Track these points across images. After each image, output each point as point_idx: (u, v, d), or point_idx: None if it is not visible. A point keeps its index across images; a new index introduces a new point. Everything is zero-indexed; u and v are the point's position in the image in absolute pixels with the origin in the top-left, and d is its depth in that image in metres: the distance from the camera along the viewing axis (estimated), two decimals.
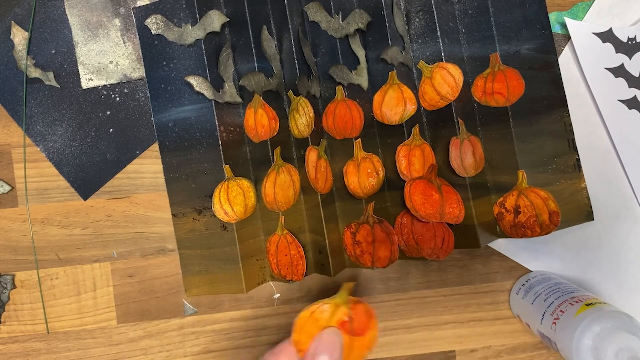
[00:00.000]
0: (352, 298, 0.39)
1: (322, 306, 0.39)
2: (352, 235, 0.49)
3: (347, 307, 0.38)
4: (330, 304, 0.39)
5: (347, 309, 0.38)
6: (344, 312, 0.38)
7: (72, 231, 0.51)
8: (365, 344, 0.38)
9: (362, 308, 0.39)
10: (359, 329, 0.38)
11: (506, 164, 0.49)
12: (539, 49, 0.49)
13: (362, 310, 0.39)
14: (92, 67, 0.51)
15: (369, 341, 0.38)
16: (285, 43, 0.49)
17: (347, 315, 0.38)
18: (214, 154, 0.50)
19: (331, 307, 0.38)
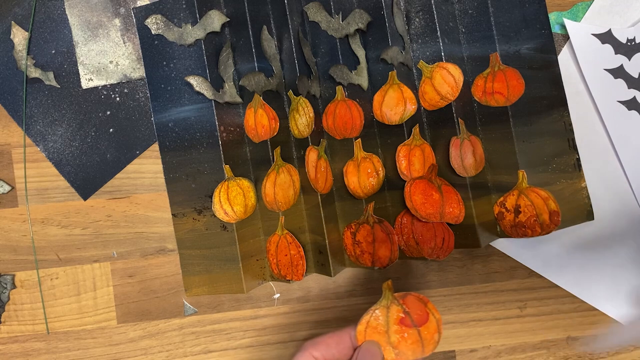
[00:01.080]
0: (398, 294, 0.39)
1: (374, 313, 0.39)
2: (352, 235, 0.49)
3: (398, 304, 0.38)
4: (381, 308, 0.39)
5: (399, 306, 0.38)
6: (397, 310, 0.38)
7: (72, 231, 0.51)
8: (433, 329, 0.38)
9: (412, 299, 0.39)
10: (419, 318, 0.38)
11: (506, 163, 0.49)
12: (538, 48, 0.49)
13: (413, 300, 0.39)
14: (92, 67, 0.51)
15: (435, 326, 0.38)
16: (285, 43, 0.49)
17: (401, 312, 0.38)
18: (214, 154, 0.50)
19: (382, 310, 0.39)
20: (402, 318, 0.38)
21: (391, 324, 0.38)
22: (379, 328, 0.38)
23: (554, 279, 0.51)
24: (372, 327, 0.38)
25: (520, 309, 0.52)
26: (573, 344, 0.51)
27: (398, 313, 0.38)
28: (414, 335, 0.38)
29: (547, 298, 0.51)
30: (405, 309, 0.38)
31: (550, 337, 0.51)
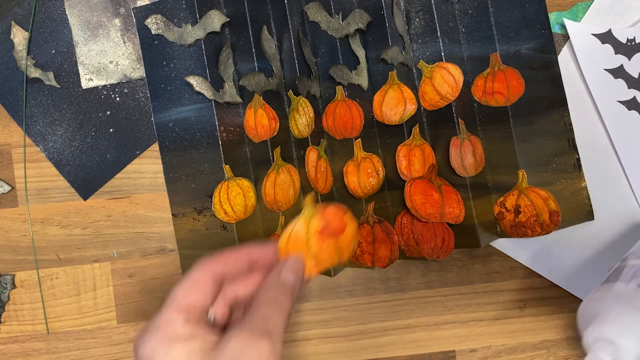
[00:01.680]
0: (318, 206, 0.40)
1: (295, 226, 0.40)
2: None
3: (317, 217, 0.40)
4: (301, 221, 0.40)
5: (319, 218, 0.40)
6: (317, 222, 0.39)
7: (72, 231, 0.51)
8: (350, 237, 0.40)
9: (331, 210, 0.40)
10: (337, 228, 0.39)
11: (506, 163, 0.49)
12: (538, 48, 0.49)
13: (332, 211, 0.40)
14: (92, 67, 0.51)
15: (351, 234, 0.40)
16: (285, 43, 0.49)
17: (321, 224, 0.39)
18: (214, 154, 0.50)
19: (304, 223, 0.40)
20: (321, 229, 0.39)
21: (311, 235, 0.39)
22: (300, 239, 0.39)
23: (554, 279, 0.51)
24: (293, 238, 0.39)
25: (521, 309, 0.52)
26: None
27: (318, 224, 0.39)
28: (332, 244, 0.39)
29: (547, 298, 0.51)
30: (325, 221, 0.40)
31: (551, 337, 0.51)
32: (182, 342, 0.34)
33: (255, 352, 0.33)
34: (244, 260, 0.39)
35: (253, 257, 0.39)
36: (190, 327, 0.35)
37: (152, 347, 0.33)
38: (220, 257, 0.38)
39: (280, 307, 0.36)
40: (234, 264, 0.38)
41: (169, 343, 0.34)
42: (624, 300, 0.40)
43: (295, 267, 0.39)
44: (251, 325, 0.35)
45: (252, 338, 0.34)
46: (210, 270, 0.37)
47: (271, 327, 0.35)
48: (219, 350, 0.33)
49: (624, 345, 0.37)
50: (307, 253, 0.40)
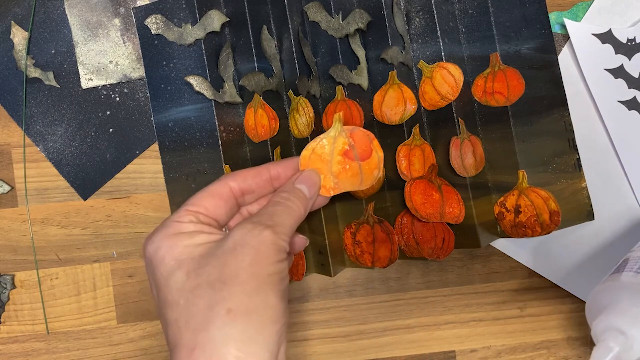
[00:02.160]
0: (347, 127, 0.40)
1: (320, 142, 0.39)
2: (352, 235, 0.49)
3: (345, 136, 0.39)
4: (328, 138, 0.39)
5: (346, 138, 0.39)
6: (344, 142, 0.39)
7: (71, 231, 0.51)
8: (373, 165, 0.40)
9: (360, 133, 0.40)
10: (363, 153, 0.39)
11: (507, 163, 0.49)
12: (539, 48, 0.49)
13: (360, 135, 0.40)
14: (92, 67, 0.51)
15: (375, 162, 0.40)
16: (285, 43, 0.49)
17: (347, 145, 0.39)
18: (214, 154, 0.50)
19: (329, 140, 0.39)
20: (346, 150, 0.39)
21: (335, 154, 0.39)
22: (324, 156, 0.39)
23: (554, 279, 0.51)
24: (317, 154, 0.39)
25: (521, 309, 0.52)
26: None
27: (344, 145, 0.39)
28: (355, 168, 0.39)
29: (548, 298, 0.51)
30: (351, 142, 0.39)
31: (551, 337, 0.51)
32: (188, 236, 0.34)
33: (257, 239, 0.33)
34: (265, 176, 0.38)
35: (274, 173, 0.39)
36: (198, 225, 0.35)
37: (157, 242, 0.34)
38: (240, 172, 0.38)
39: (290, 207, 0.36)
40: (254, 179, 0.38)
41: (175, 236, 0.34)
42: (633, 289, 0.40)
43: (312, 179, 0.38)
44: (256, 218, 0.35)
45: (255, 227, 0.33)
46: (229, 182, 0.37)
47: (276, 221, 0.34)
48: (222, 241, 0.33)
49: (634, 334, 0.37)
50: (328, 171, 0.39)
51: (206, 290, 0.32)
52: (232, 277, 0.32)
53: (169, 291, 0.32)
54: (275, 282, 0.33)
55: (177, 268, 0.33)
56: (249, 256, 0.32)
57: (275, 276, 0.33)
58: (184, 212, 0.35)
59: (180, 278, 0.32)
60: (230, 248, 0.33)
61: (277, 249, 0.33)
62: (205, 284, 0.32)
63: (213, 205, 0.36)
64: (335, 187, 0.39)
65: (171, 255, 0.33)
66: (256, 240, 0.33)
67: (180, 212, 0.35)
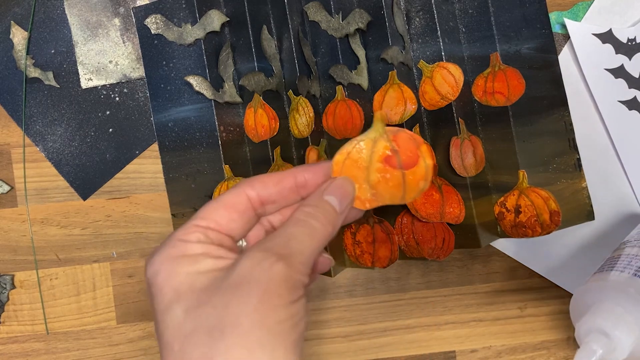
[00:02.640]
0: (390, 128, 0.33)
1: (357, 145, 0.33)
2: (352, 235, 0.49)
3: (387, 140, 0.33)
4: (366, 140, 0.33)
5: (388, 142, 0.33)
6: (385, 146, 0.32)
7: (71, 231, 0.51)
8: (420, 175, 0.33)
9: (405, 136, 0.33)
10: (407, 160, 0.32)
11: (507, 163, 0.49)
12: (539, 48, 0.49)
13: (405, 139, 0.33)
14: (92, 67, 0.51)
15: (422, 171, 0.33)
16: (285, 43, 0.49)
17: (389, 149, 0.32)
18: (214, 153, 0.50)
19: (368, 143, 0.33)
20: (388, 156, 0.32)
21: (374, 161, 0.32)
22: (360, 162, 0.33)
23: (555, 279, 0.51)
24: (352, 159, 0.33)
25: (521, 309, 0.51)
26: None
27: (385, 150, 0.32)
28: (397, 177, 0.32)
29: (548, 298, 0.51)
30: (394, 147, 0.32)
31: (551, 337, 0.51)
32: (190, 262, 0.28)
33: (266, 275, 0.27)
34: (289, 183, 0.32)
35: (300, 179, 0.32)
36: (205, 246, 0.29)
37: (158, 265, 0.29)
38: (261, 178, 0.32)
39: (312, 229, 0.30)
40: (276, 187, 0.32)
41: (177, 260, 0.29)
42: (618, 289, 0.38)
43: (343, 189, 0.32)
44: (269, 245, 0.29)
45: (265, 258, 0.28)
46: (246, 190, 0.31)
47: (293, 250, 0.29)
48: (228, 272, 0.28)
49: (617, 336, 0.36)
50: (364, 180, 0.33)
51: (203, 339, 0.27)
52: (232, 325, 0.26)
53: (165, 328, 0.28)
54: (286, 331, 0.27)
55: (175, 301, 0.28)
56: (254, 297, 0.27)
57: (286, 323, 0.27)
58: (192, 228, 0.30)
59: (177, 315, 0.27)
60: (234, 284, 0.27)
61: (290, 287, 0.28)
62: (203, 331, 0.27)
63: (226, 218, 0.30)
64: (372, 199, 0.33)
65: (170, 284, 0.28)
66: (265, 276, 0.27)
67: (187, 228, 0.30)
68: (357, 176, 0.33)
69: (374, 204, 0.33)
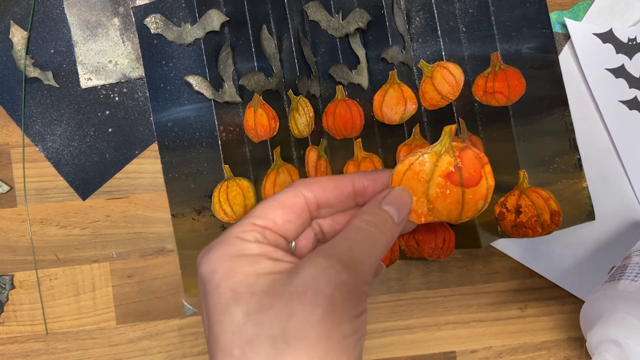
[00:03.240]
0: (457, 144, 0.33)
1: (421, 157, 0.33)
2: None
3: (452, 155, 0.33)
4: (431, 154, 0.33)
5: (453, 158, 0.33)
6: (449, 162, 0.33)
7: (71, 231, 0.51)
8: (480, 195, 0.33)
9: (471, 154, 0.33)
10: (470, 179, 0.32)
11: (507, 163, 0.49)
12: (539, 48, 0.49)
13: (470, 157, 0.33)
14: (91, 67, 0.51)
15: (483, 191, 0.33)
16: (285, 42, 0.49)
17: (453, 165, 0.32)
18: (214, 153, 0.50)
19: (432, 157, 0.33)
20: (450, 172, 0.32)
21: (436, 175, 0.32)
22: (422, 175, 0.32)
23: (555, 279, 0.51)
24: (414, 171, 0.32)
25: (521, 310, 0.51)
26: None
27: (449, 165, 0.32)
28: (457, 194, 0.32)
29: (548, 298, 0.51)
30: (459, 164, 0.32)
31: (552, 337, 0.51)
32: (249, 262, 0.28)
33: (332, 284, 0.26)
34: (347, 188, 0.32)
35: (358, 186, 0.32)
36: (263, 246, 0.29)
37: (214, 262, 0.28)
38: (320, 180, 0.31)
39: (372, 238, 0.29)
40: (334, 191, 0.31)
41: (235, 259, 0.28)
42: (630, 299, 0.38)
43: (402, 200, 0.32)
44: (333, 252, 0.28)
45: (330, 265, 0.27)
46: (304, 191, 0.31)
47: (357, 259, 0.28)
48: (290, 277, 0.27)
49: (630, 346, 0.36)
50: (423, 193, 0.33)
51: (266, 347, 0.26)
52: (298, 337, 0.26)
53: (222, 331, 0.27)
54: (351, 347, 0.27)
55: (233, 303, 0.27)
56: (320, 308, 0.26)
57: (351, 338, 0.27)
58: (249, 226, 0.29)
59: (237, 318, 0.27)
60: (298, 291, 0.26)
61: (357, 299, 0.27)
62: (266, 338, 0.26)
63: (283, 219, 0.30)
64: (428, 214, 0.33)
65: (228, 283, 0.28)
66: (331, 286, 0.26)
67: (244, 225, 0.29)
68: (416, 189, 0.33)
69: (429, 218, 0.33)
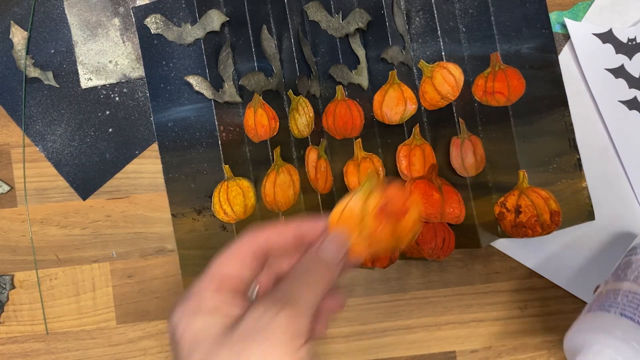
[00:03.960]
0: (381, 183, 0.36)
1: (351, 200, 0.36)
2: None
3: (379, 193, 0.36)
4: (360, 195, 0.36)
5: (379, 195, 0.36)
6: (377, 199, 0.35)
7: (71, 231, 0.51)
8: (411, 222, 0.36)
9: (395, 189, 0.36)
10: (398, 210, 0.35)
11: (507, 163, 0.49)
12: (539, 48, 0.49)
13: (395, 192, 0.36)
14: (92, 67, 0.51)
15: (411, 222, 0.36)
16: (285, 43, 0.49)
17: (381, 202, 0.35)
18: (214, 153, 0.50)
19: (362, 197, 0.36)
20: (380, 208, 0.35)
21: (368, 213, 0.35)
22: (355, 215, 0.35)
23: (555, 279, 0.51)
24: (348, 212, 0.36)
25: (521, 310, 0.51)
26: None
27: (377, 202, 0.35)
28: (389, 227, 0.35)
29: (548, 298, 0.51)
30: (386, 200, 0.35)
31: (551, 337, 0.51)
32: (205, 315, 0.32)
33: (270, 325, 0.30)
34: (291, 234, 0.35)
35: (300, 231, 0.36)
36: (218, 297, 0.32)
37: (178, 317, 0.32)
38: (265, 229, 0.35)
39: (311, 280, 0.33)
40: (279, 237, 0.35)
41: (192, 314, 0.32)
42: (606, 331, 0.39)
43: (338, 242, 0.35)
44: (275, 295, 0.32)
45: (268, 309, 0.31)
46: (252, 241, 0.34)
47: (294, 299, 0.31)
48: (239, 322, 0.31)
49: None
50: (359, 232, 0.35)
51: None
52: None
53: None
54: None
55: (193, 351, 0.30)
56: (260, 347, 0.29)
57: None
58: (206, 281, 0.33)
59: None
60: (244, 334, 0.30)
61: (294, 335, 0.30)
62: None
63: (237, 268, 0.34)
64: (368, 248, 0.36)
65: (189, 334, 0.31)
66: (270, 327, 0.30)
67: (202, 281, 0.33)
68: (353, 228, 0.35)
69: (369, 252, 0.36)
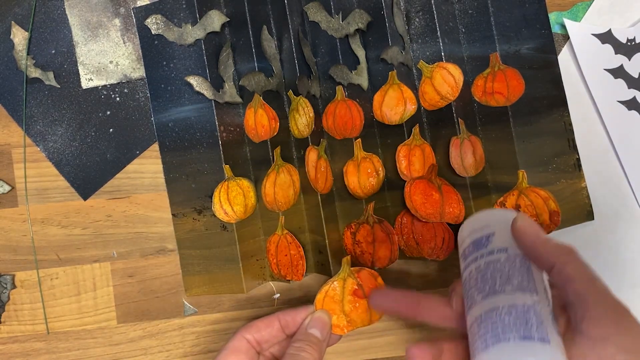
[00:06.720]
0: (354, 268, 0.45)
1: (332, 285, 0.44)
2: (352, 235, 0.49)
3: (353, 277, 0.44)
4: (338, 280, 0.44)
5: (354, 279, 0.44)
6: (352, 283, 0.44)
7: (72, 231, 0.51)
8: None
9: (365, 273, 0.45)
10: (369, 291, 0.44)
11: (506, 163, 0.49)
12: (539, 48, 0.49)
13: (366, 275, 0.45)
14: (92, 67, 0.51)
15: None
16: (285, 43, 0.49)
17: (355, 285, 0.44)
18: (214, 153, 0.50)
19: (340, 282, 0.44)
20: (355, 289, 0.44)
21: (346, 294, 0.44)
22: (335, 297, 0.44)
23: None
24: (329, 296, 0.44)
25: None
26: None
27: (352, 285, 0.44)
28: (364, 305, 0.44)
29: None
30: (359, 282, 0.44)
31: None
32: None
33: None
34: (276, 324, 0.43)
35: (283, 322, 0.43)
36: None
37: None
38: (253, 324, 0.43)
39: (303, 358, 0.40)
40: (267, 329, 0.43)
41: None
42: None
43: (321, 321, 0.43)
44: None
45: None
46: (245, 336, 0.42)
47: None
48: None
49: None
50: (340, 310, 0.43)
51: None
52: None
53: None
54: None
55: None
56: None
57: None
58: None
59: None
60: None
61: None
62: None
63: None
64: (348, 325, 0.43)
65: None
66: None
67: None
68: (335, 309, 0.43)
69: (349, 328, 0.43)
